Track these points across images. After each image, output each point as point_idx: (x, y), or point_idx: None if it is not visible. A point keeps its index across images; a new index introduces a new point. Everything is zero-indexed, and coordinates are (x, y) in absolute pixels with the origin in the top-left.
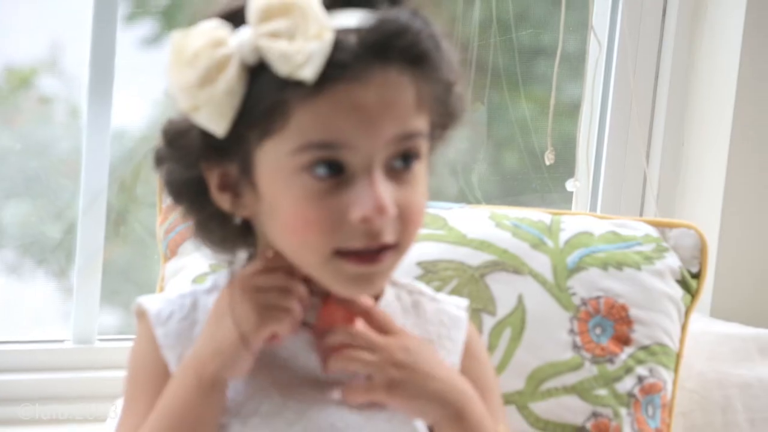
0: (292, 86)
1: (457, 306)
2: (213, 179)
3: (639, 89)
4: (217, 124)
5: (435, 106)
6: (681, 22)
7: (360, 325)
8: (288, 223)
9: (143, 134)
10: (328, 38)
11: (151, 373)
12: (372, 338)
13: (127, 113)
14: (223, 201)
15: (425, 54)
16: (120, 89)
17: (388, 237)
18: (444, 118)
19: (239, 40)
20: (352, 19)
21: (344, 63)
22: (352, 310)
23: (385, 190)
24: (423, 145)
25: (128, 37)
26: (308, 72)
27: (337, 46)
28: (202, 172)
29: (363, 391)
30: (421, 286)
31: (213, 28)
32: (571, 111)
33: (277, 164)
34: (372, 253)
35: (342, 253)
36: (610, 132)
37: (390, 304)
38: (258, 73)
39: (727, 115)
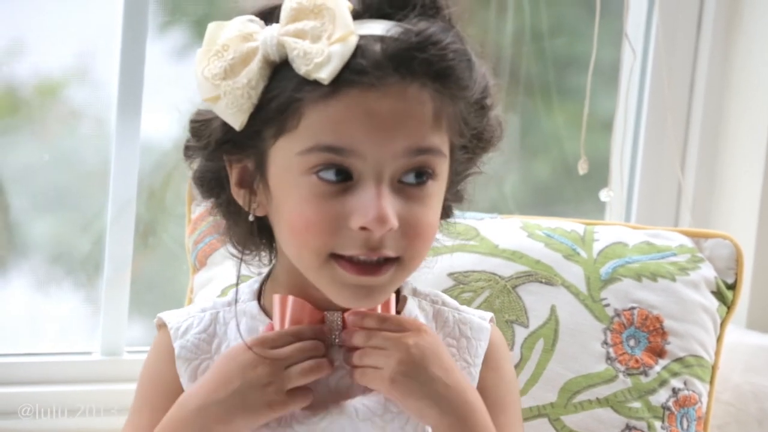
0: (308, 86)
1: (481, 317)
2: (233, 174)
3: (674, 98)
4: (235, 117)
5: (457, 126)
6: (717, 30)
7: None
8: (290, 223)
9: (172, 145)
10: (352, 43)
11: (159, 388)
12: (386, 333)
13: (156, 124)
14: (240, 197)
15: (450, 70)
16: (149, 100)
17: (388, 250)
18: (471, 141)
19: (266, 36)
20: (382, 28)
21: (363, 69)
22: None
23: (389, 202)
24: (439, 164)
25: (158, 48)
26: (325, 73)
27: (360, 52)
28: (224, 165)
29: (368, 378)
30: (444, 297)
31: (245, 22)
32: (604, 121)
33: (287, 164)
34: (369, 265)
35: (338, 258)
36: (645, 141)
37: (412, 314)
38: (280, 70)
39: (762, 124)
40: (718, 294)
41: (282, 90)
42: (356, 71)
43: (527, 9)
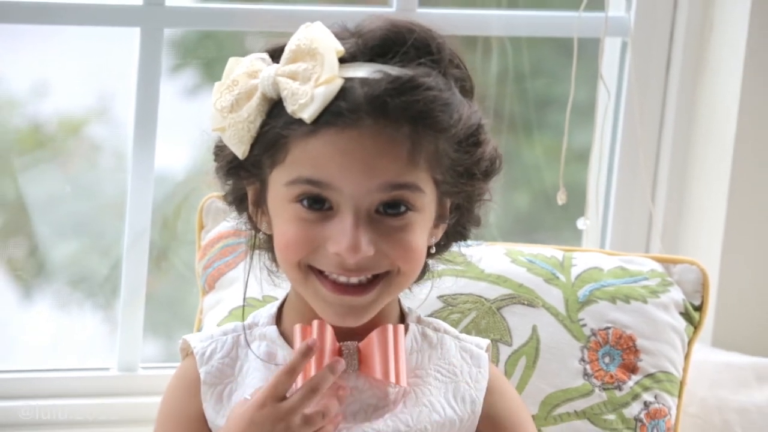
0: (294, 124)
1: (477, 345)
2: (250, 194)
3: (645, 134)
4: (238, 147)
5: (439, 163)
6: (684, 72)
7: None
8: (276, 242)
9: (184, 177)
10: (336, 86)
11: (180, 416)
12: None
13: (170, 158)
14: (253, 215)
15: (424, 114)
16: (163, 136)
17: (371, 270)
18: (461, 176)
19: (265, 74)
20: (367, 71)
21: (340, 111)
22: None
23: (361, 233)
24: (417, 199)
25: (171, 88)
26: (307, 113)
27: (343, 94)
28: (245, 185)
29: None
30: (446, 325)
31: (256, 59)
32: (580, 156)
33: (278, 192)
34: (351, 286)
35: (318, 274)
36: (619, 173)
37: (415, 341)
38: (276, 106)
39: (726, 157)
40: (685, 315)
41: (274, 126)
42: (334, 113)
43: (510, 52)
